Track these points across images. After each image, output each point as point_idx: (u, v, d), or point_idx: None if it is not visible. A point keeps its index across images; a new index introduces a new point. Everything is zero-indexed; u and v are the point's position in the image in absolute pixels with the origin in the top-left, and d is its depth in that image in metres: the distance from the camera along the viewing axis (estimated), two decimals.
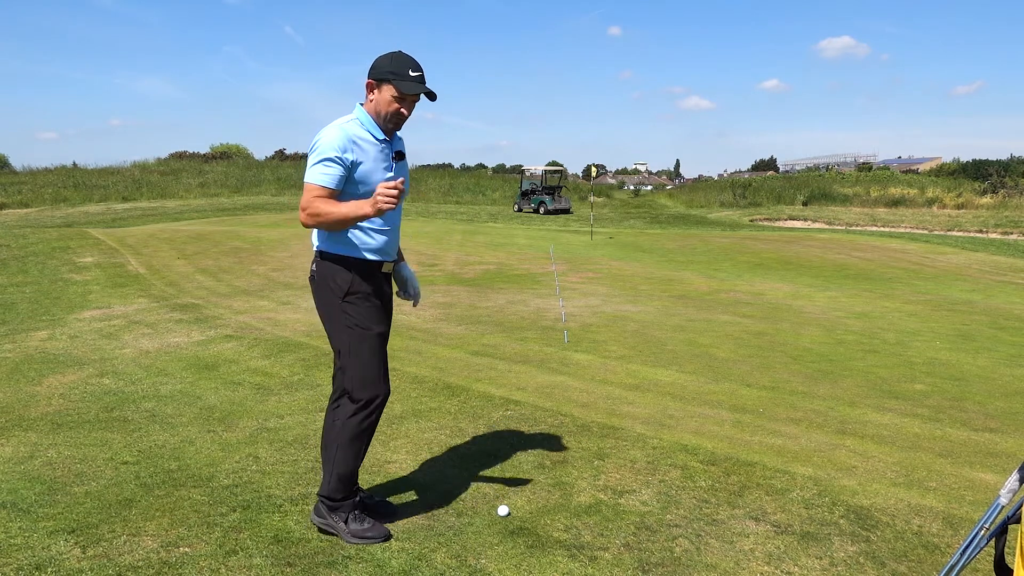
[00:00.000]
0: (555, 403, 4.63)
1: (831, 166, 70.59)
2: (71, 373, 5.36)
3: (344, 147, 2.64)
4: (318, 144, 2.66)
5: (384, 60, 2.72)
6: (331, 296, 2.75)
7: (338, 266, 2.75)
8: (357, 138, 2.68)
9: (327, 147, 2.63)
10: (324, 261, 2.77)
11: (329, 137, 2.65)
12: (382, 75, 2.70)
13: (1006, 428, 4.37)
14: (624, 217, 30.36)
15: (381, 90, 2.70)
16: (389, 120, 2.74)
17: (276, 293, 9.43)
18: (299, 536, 2.82)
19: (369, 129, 2.73)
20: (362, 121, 2.75)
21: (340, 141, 2.64)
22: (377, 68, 2.71)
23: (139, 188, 33.95)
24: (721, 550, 2.80)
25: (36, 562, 2.60)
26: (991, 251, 17.51)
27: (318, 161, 2.64)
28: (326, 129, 2.69)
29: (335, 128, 2.68)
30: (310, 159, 2.67)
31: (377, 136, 2.74)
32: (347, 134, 2.66)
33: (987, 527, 2.02)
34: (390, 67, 2.69)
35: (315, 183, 2.63)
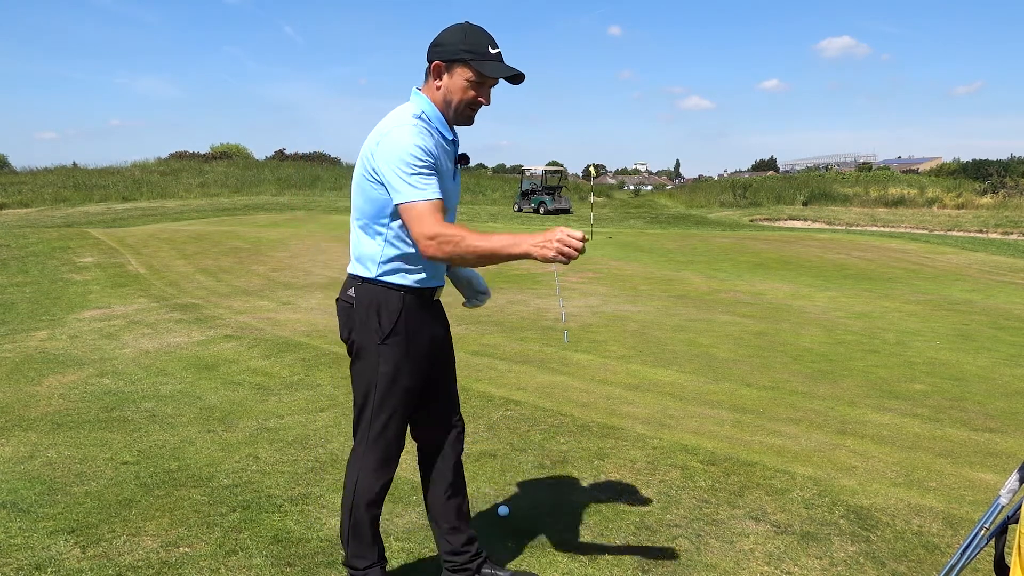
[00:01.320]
0: (555, 403, 4.63)
1: (831, 166, 70.57)
2: (71, 373, 5.36)
3: (431, 151, 2.08)
4: (403, 148, 2.03)
5: (454, 34, 2.13)
6: (371, 334, 2.19)
7: (387, 297, 2.18)
8: (432, 138, 2.13)
9: (419, 151, 2.04)
10: (370, 288, 2.19)
11: (416, 137, 2.06)
12: (455, 54, 2.11)
13: (1006, 428, 4.37)
14: (624, 217, 30.37)
15: (453, 73, 2.13)
16: (461, 112, 2.18)
17: (276, 293, 9.43)
18: (299, 536, 2.82)
19: (438, 126, 2.17)
20: (428, 116, 2.16)
21: (427, 143, 2.08)
22: (446, 45, 2.12)
23: (139, 188, 33.94)
24: (721, 550, 2.80)
25: (36, 562, 2.60)
26: (991, 251, 17.51)
27: (413, 167, 2.03)
28: (403, 128, 2.07)
29: (414, 126, 2.08)
30: (393, 167, 2.03)
31: (446, 135, 2.20)
32: (425, 133, 2.11)
33: (987, 527, 2.02)
34: (464, 43, 2.11)
35: (433, 197, 2.02)
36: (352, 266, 2.24)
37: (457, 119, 2.20)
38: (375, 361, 2.20)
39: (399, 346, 2.20)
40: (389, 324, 2.18)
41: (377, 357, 2.19)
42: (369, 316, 2.18)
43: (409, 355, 2.22)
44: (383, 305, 2.18)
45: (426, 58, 2.17)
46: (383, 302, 2.18)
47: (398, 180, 2.03)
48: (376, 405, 2.23)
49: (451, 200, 2.19)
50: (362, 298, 2.19)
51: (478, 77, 2.13)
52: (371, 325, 2.18)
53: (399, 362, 2.21)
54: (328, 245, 14.79)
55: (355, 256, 2.23)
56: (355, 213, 2.22)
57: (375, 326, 2.18)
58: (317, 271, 11.70)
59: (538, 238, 1.93)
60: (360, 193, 2.17)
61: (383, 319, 2.17)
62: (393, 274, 2.17)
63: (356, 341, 2.22)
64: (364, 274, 2.19)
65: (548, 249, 1.91)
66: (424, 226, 2.00)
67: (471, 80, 2.13)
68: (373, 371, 2.20)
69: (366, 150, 2.13)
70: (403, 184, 2.02)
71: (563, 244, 1.90)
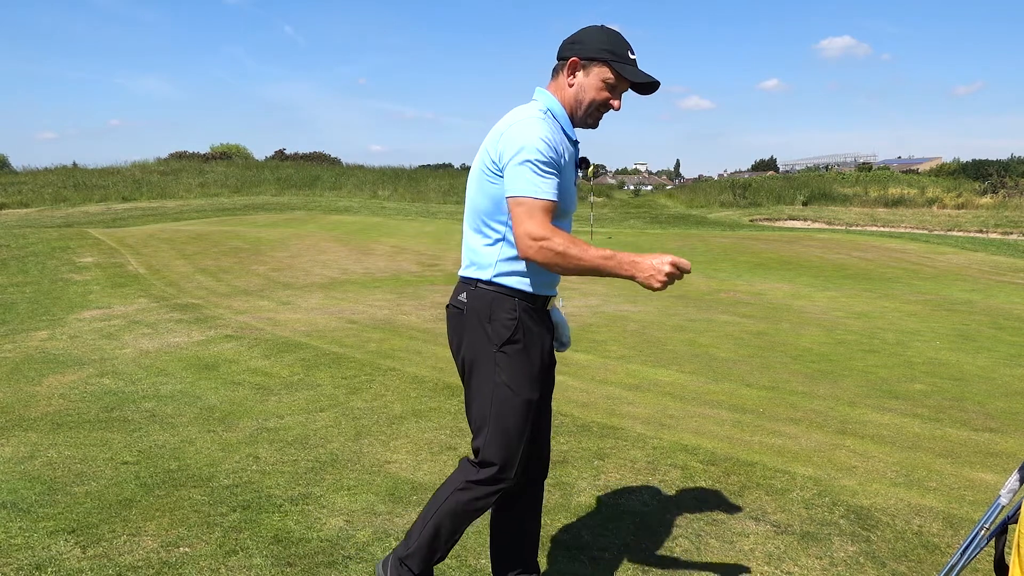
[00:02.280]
0: (555, 403, 4.62)
1: (831, 166, 70.57)
2: (71, 373, 5.36)
3: (558, 150, 1.98)
4: (529, 140, 1.93)
5: (595, 34, 2.06)
6: (485, 342, 2.05)
7: (504, 302, 2.05)
8: (560, 135, 2.04)
9: (545, 146, 1.94)
10: (484, 291, 2.06)
11: (542, 133, 1.95)
12: (595, 52, 2.04)
13: (1006, 428, 4.37)
14: (624, 217, 30.36)
15: (590, 72, 2.05)
16: (591, 114, 2.10)
17: (276, 293, 9.43)
18: (299, 536, 2.82)
19: (564, 127, 2.08)
20: (555, 114, 2.07)
21: (555, 140, 1.98)
22: (587, 43, 2.05)
23: (139, 188, 33.93)
24: (721, 550, 2.80)
25: (36, 562, 2.60)
26: (991, 251, 17.51)
27: (537, 163, 1.92)
28: (527, 121, 1.97)
29: (540, 121, 1.98)
30: (516, 159, 1.93)
31: (570, 135, 2.10)
32: (555, 128, 2.02)
33: (987, 527, 2.02)
34: (606, 43, 2.04)
35: (541, 196, 1.91)
36: (465, 269, 2.12)
37: (584, 120, 2.12)
38: (491, 369, 2.05)
39: (516, 355, 2.05)
40: (506, 330, 2.04)
41: (494, 366, 2.04)
42: (482, 322, 2.05)
43: (527, 364, 2.07)
44: (498, 310, 2.04)
45: (558, 56, 2.10)
46: (498, 306, 2.04)
47: (516, 172, 1.92)
48: (495, 417, 2.06)
49: (571, 203, 2.10)
50: (475, 302, 2.06)
51: (616, 79, 2.05)
52: (486, 331, 2.05)
53: (517, 372, 2.05)
54: (328, 245, 14.79)
55: (468, 257, 2.11)
56: (470, 212, 2.12)
57: (490, 332, 2.04)
58: (317, 271, 11.70)
59: (646, 264, 1.87)
60: (479, 190, 2.07)
61: (497, 325, 2.04)
62: (510, 276, 2.05)
63: (468, 351, 2.09)
64: (479, 276, 2.07)
65: (656, 281, 1.86)
66: (532, 225, 1.89)
67: (607, 81, 2.05)
68: (490, 383, 2.05)
69: (488, 145, 2.04)
70: (520, 177, 1.92)
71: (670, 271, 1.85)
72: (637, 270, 1.88)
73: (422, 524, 2.16)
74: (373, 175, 39.61)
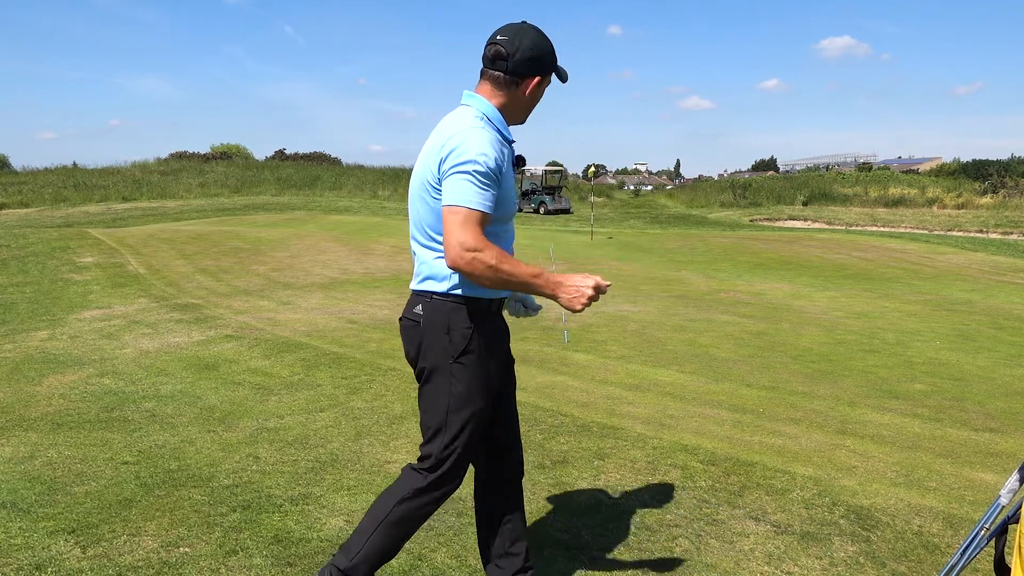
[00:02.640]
0: (555, 403, 4.63)
1: (831, 166, 70.56)
2: (71, 373, 5.36)
3: (499, 159, 1.99)
4: (466, 149, 1.94)
5: (545, 44, 2.10)
6: (442, 353, 2.08)
7: (460, 312, 2.07)
8: (499, 142, 2.04)
9: (483, 154, 1.95)
10: (440, 303, 2.08)
11: (482, 140, 1.97)
12: (552, 65, 2.13)
13: (1006, 428, 4.37)
14: (624, 217, 30.37)
15: (543, 84, 2.15)
16: (522, 117, 2.19)
17: (276, 293, 9.43)
18: (299, 536, 2.82)
19: (501, 130, 2.10)
20: (492, 119, 2.09)
21: (495, 147, 1.99)
22: (545, 59, 2.10)
23: (139, 188, 33.95)
24: (721, 550, 2.80)
25: (36, 562, 2.60)
26: (991, 251, 17.51)
27: (475, 174, 1.94)
28: (469, 131, 1.98)
29: (480, 129, 2.00)
30: (455, 169, 1.94)
31: (507, 136, 2.13)
32: (494, 137, 2.02)
33: (987, 527, 2.02)
34: (553, 54, 2.12)
35: (476, 207, 1.93)
36: (420, 283, 2.12)
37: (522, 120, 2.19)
38: (447, 382, 2.09)
39: (473, 365, 2.09)
40: (462, 341, 2.07)
41: (450, 377, 2.08)
42: (439, 334, 2.07)
43: (483, 374, 2.12)
44: (454, 321, 2.07)
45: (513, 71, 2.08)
46: (454, 317, 2.07)
47: (454, 181, 1.94)
48: (451, 433, 2.10)
49: (511, 204, 2.12)
50: (431, 315, 2.08)
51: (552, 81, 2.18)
52: (442, 343, 2.07)
53: (473, 381, 2.10)
54: (328, 245, 14.79)
55: (421, 270, 2.12)
56: (417, 226, 2.12)
57: (446, 344, 2.07)
58: (317, 271, 11.70)
59: (569, 286, 1.97)
60: (423, 204, 2.08)
61: (455, 336, 2.07)
62: (464, 287, 2.06)
63: (425, 362, 2.11)
64: (434, 289, 2.08)
65: (578, 303, 1.98)
66: (464, 235, 1.90)
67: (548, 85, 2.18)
68: (446, 393, 2.10)
69: (429, 157, 2.04)
70: (458, 187, 1.93)
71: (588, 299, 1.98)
72: (561, 291, 1.97)
73: (364, 536, 2.15)
74: (373, 175, 39.61)
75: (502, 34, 2.08)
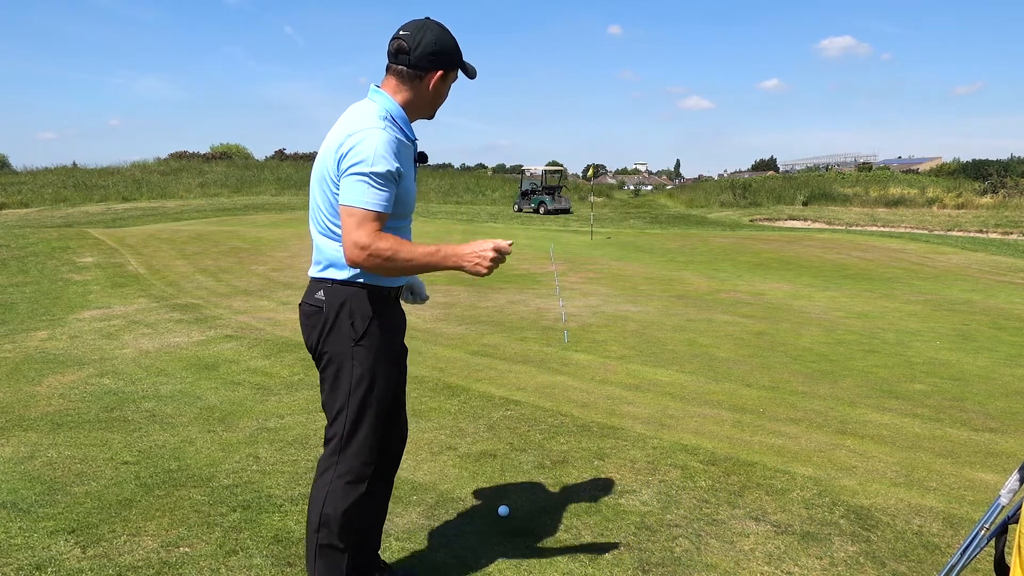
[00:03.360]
0: (555, 403, 4.63)
1: (831, 166, 70.57)
2: (71, 373, 5.36)
3: (397, 156, 2.03)
4: (364, 150, 1.99)
5: (447, 40, 2.14)
6: (343, 337, 2.13)
7: (360, 297, 2.13)
8: (399, 142, 2.06)
9: (381, 156, 1.99)
10: (340, 289, 2.13)
11: (381, 141, 2.00)
12: (456, 60, 2.16)
13: (1006, 428, 4.37)
14: (624, 217, 30.36)
15: (447, 79, 2.18)
16: (429, 112, 2.23)
17: (276, 293, 9.43)
18: (299, 536, 2.82)
19: (403, 127, 2.14)
20: (395, 116, 2.13)
21: (394, 148, 2.03)
22: (447, 53, 2.13)
23: (139, 188, 33.96)
24: (721, 550, 2.80)
25: (36, 562, 2.60)
26: (991, 251, 17.51)
27: (372, 176, 1.98)
28: (368, 133, 2.01)
29: (380, 130, 2.02)
30: (353, 170, 1.99)
31: (410, 135, 2.17)
32: (393, 138, 2.05)
33: (987, 527, 2.02)
34: (456, 49, 2.16)
35: (372, 208, 1.98)
36: (320, 270, 2.17)
37: (429, 115, 2.23)
38: (349, 365, 2.13)
39: (373, 348, 2.14)
40: (363, 325, 2.12)
41: (351, 360, 2.13)
42: (341, 318, 2.11)
43: (383, 357, 2.17)
44: (355, 306, 2.12)
45: (413, 64, 2.11)
46: (355, 303, 2.12)
47: (351, 183, 1.99)
48: (353, 413, 2.15)
49: (411, 201, 2.17)
50: (332, 300, 2.12)
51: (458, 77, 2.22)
52: (343, 327, 2.12)
53: (374, 364, 2.15)
54: None
55: (319, 259, 2.16)
56: (316, 214, 2.16)
57: (347, 328, 2.11)
58: None
59: (467, 251, 2.01)
60: (321, 195, 2.12)
61: (356, 320, 2.12)
62: (364, 275, 2.11)
63: (327, 347, 2.15)
64: (334, 276, 2.13)
65: (482, 267, 2.01)
66: (359, 234, 1.96)
67: (455, 81, 2.21)
68: (348, 376, 2.14)
69: (330, 149, 2.08)
70: (355, 188, 1.98)
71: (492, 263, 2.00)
72: (463, 260, 2.01)
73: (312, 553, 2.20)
74: None
75: (405, 29, 2.13)
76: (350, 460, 2.18)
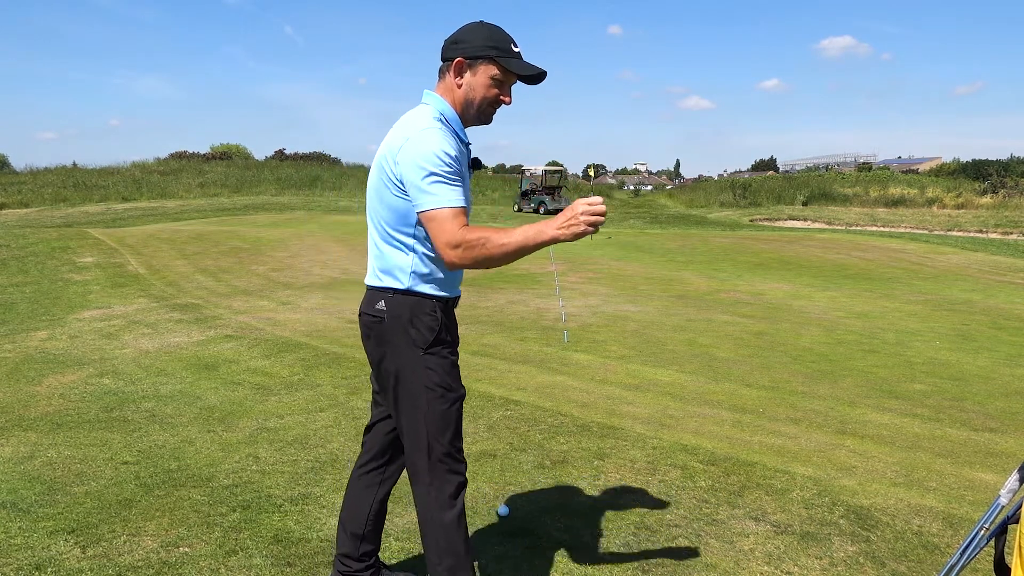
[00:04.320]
0: (555, 403, 4.63)
1: (831, 166, 70.56)
2: (71, 373, 5.36)
3: (458, 157, 1.98)
4: (430, 153, 1.92)
5: (477, 32, 2.05)
6: (410, 349, 2.06)
7: (424, 305, 2.06)
8: (456, 142, 2.03)
9: (445, 153, 1.94)
10: (403, 299, 2.06)
11: (442, 142, 1.95)
12: (480, 50, 2.02)
13: (1006, 428, 4.37)
14: (624, 217, 30.36)
15: (476, 71, 2.04)
16: (483, 112, 2.10)
17: (276, 293, 9.43)
18: (299, 536, 2.82)
19: (456, 130, 2.08)
20: (448, 118, 2.07)
21: (454, 146, 1.98)
22: (470, 42, 2.03)
23: (139, 188, 33.96)
24: (721, 550, 2.80)
25: (36, 562, 2.60)
26: (991, 251, 17.50)
27: (442, 175, 1.93)
28: (427, 132, 1.97)
29: (438, 130, 1.98)
30: (422, 173, 1.92)
31: (463, 138, 2.10)
32: (451, 136, 2.01)
33: (987, 527, 2.02)
34: (490, 40, 2.03)
35: (452, 205, 1.92)
36: (376, 278, 2.11)
37: (478, 118, 2.11)
38: (420, 375, 2.06)
39: (441, 356, 2.08)
40: (431, 333, 2.06)
41: (423, 369, 2.06)
42: (406, 328, 2.05)
43: (451, 365, 2.12)
44: (419, 315, 2.05)
45: (443, 56, 2.08)
46: (417, 313, 2.05)
47: (422, 187, 1.93)
48: (432, 420, 2.08)
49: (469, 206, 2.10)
50: (395, 310, 2.05)
51: (503, 74, 2.04)
52: (408, 338, 2.05)
53: (445, 372, 2.08)
54: (328, 245, 14.79)
55: (380, 267, 2.10)
56: (375, 222, 2.11)
57: (414, 337, 2.05)
58: (317, 271, 11.70)
59: (560, 220, 1.89)
60: (380, 201, 2.06)
61: (422, 330, 2.05)
62: (425, 284, 2.06)
63: (392, 359, 2.08)
64: (395, 285, 2.06)
65: (576, 226, 1.87)
66: (447, 235, 1.90)
67: (495, 77, 2.05)
68: (419, 385, 2.06)
69: (386, 156, 2.02)
70: (428, 192, 1.92)
71: (588, 216, 1.86)
72: (556, 228, 1.89)
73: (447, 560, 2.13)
74: None
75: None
76: (442, 475, 2.11)
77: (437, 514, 2.11)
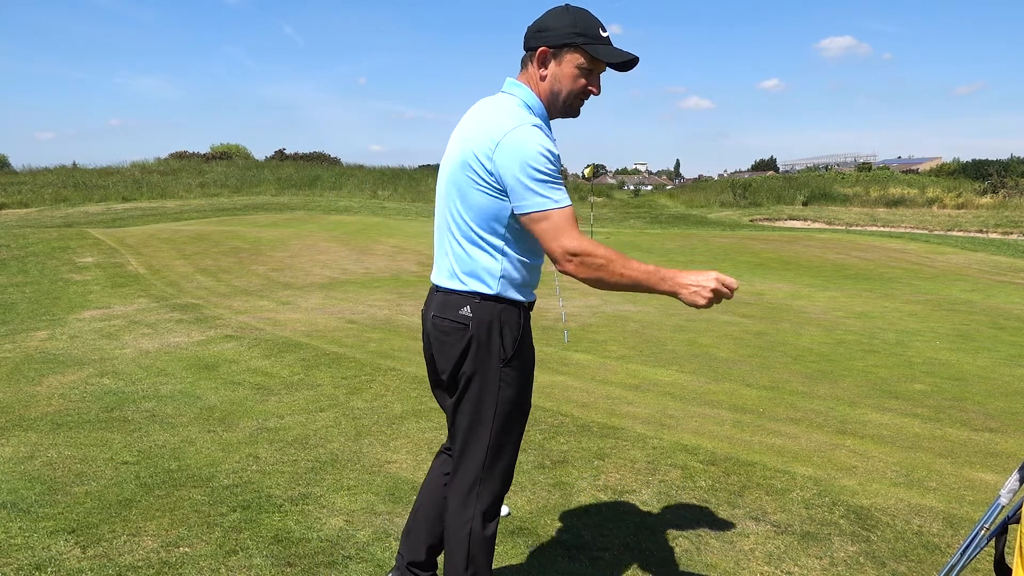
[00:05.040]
0: (555, 403, 4.63)
1: (831, 166, 70.56)
2: (71, 373, 5.36)
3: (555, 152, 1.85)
4: (533, 150, 1.79)
5: (561, 17, 1.89)
6: (491, 358, 1.95)
7: (511, 315, 1.95)
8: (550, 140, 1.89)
9: (550, 152, 1.81)
10: (490, 305, 1.93)
11: (542, 138, 1.82)
12: (565, 38, 1.87)
13: (1006, 428, 4.37)
14: (624, 217, 30.35)
15: (562, 60, 1.89)
16: (570, 104, 1.95)
17: (276, 293, 9.43)
18: (299, 536, 2.82)
19: (542, 120, 1.93)
20: (535, 110, 1.93)
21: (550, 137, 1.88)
22: (554, 29, 1.88)
23: (139, 188, 33.93)
24: (721, 550, 2.80)
25: (36, 562, 2.60)
26: (991, 251, 17.51)
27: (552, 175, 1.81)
28: (525, 127, 1.82)
29: (535, 129, 1.83)
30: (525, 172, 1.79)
31: (550, 133, 1.95)
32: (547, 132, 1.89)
33: (987, 527, 2.02)
34: (575, 26, 1.87)
35: (564, 204, 1.80)
36: (458, 281, 1.95)
37: (565, 111, 1.97)
38: (495, 386, 1.95)
39: (519, 368, 1.99)
40: (512, 344, 1.95)
41: (499, 381, 1.95)
42: (491, 337, 1.93)
43: (527, 378, 2.03)
44: (506, 324, 1.94)
45: (525, 46, 1.94)
46: (505, 320, 1.94)
47: (529, 187, 1.78)
48: (495, 438, 1.98)
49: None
50: (482, 317, 1.92)
51: (590, 63, 1.89)
52: (493, 347, 1.93)
53: (520, 386, 2.00)
54: (328, 245, 14.79)
55: (464, 270, 1.94)
56: (456, 221, 1.94)
57: (497, 347, 1.93)
58: (317, 271, 11.70)
59: (690, 280, 1.78)
60: (462, 199, 1.90)
61: (506, 339, 1.94)
62: (514, 289, 1.95)
63: (471, 367, 1.95)
64: (482, 290, 1.92)
65: (701, 297, 1.77)
66: (565, 239, 1.77)
67: (582, 67, 1.89)
68: (493, 398, 1.96)
69: (474, 151, 1.86)
70: (535, 193, 1.78)
71: (717, 293, 1.77)
72: (681, 288, 1.78)
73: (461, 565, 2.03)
74: (373, 175, 39.60)
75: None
76: (491, 489, 2.02)
77: (476, 526, 2.02)
